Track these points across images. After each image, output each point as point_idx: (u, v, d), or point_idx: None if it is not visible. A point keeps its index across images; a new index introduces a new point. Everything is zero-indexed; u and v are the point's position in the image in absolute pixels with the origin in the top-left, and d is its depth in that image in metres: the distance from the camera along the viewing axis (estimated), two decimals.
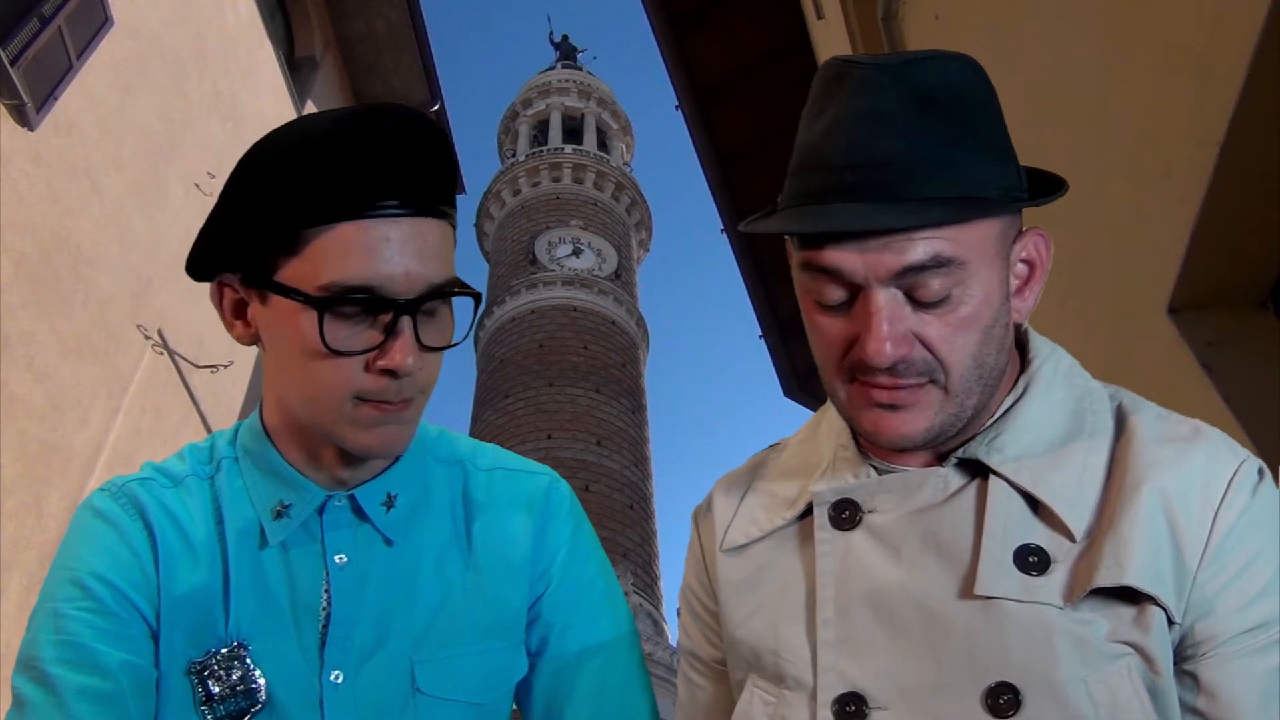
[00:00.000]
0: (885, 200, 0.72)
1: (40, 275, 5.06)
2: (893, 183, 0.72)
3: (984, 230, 0.75)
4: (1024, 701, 0.72)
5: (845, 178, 0.74)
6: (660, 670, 22.71)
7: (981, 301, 0.75)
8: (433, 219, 0.84)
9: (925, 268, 0.73)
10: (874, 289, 0.74)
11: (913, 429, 0.77)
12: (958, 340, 0.75)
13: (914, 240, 0.72)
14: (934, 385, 0.76)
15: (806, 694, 0.81)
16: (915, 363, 0.75)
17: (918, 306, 0.75)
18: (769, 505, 0.91)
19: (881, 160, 0.73)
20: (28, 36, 4.93)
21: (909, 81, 0.74)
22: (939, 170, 0.73)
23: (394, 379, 0.83)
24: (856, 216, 0.73)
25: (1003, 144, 0.77)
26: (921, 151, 0.73)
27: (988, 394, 0.80)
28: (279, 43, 8.34)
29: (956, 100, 0.75)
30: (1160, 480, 0.76)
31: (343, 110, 0.84)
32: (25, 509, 4.80)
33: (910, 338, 0.75)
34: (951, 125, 0.74)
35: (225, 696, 0.87)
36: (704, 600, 0.96)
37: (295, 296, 0.81)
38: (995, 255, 0.76)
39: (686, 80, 5.85)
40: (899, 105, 0.73)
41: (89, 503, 0.93)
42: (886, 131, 0.73)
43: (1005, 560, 0.76)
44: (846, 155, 0.74)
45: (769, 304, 6.55)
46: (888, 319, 0.74)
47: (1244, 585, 0.74)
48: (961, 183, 0.73)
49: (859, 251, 0.74)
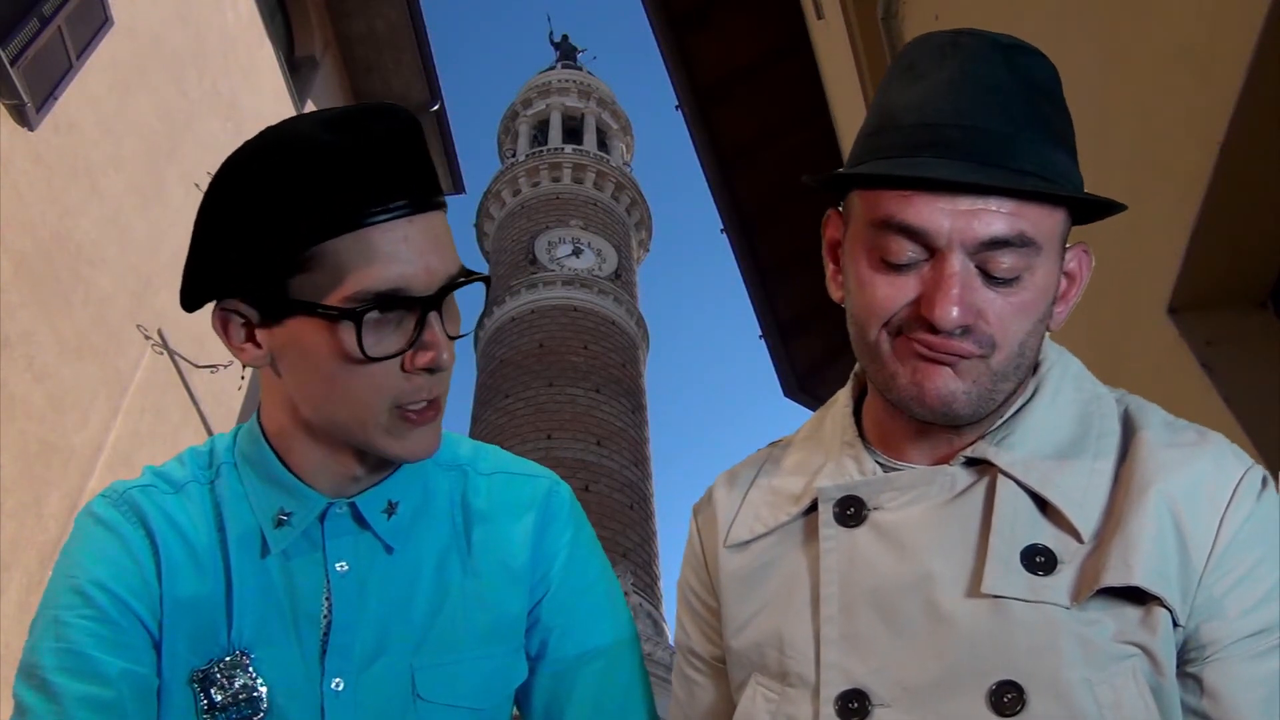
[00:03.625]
0: (984, 163, 0.73)
1: (40, 275, 5.06)
2: (994, 149, 0.73)
3: (1056, 221, 0.77)
4: (1028, 701, 0.72)
5: (948, 135, 0.74)
6: (660, 670, 22.69)
7: (1042, 291, 0.77)
8: (434, 211, 0.84)
9: (1007, 243, 0.74)
10: (954, 252, 0.74)
11: (955, 386, 0.77)
12: (1015, 323, 0.76)
13: (1002, 213, 0.73)
14: (982, 360, 0.77)
15: (809, 691, 0.81)
16: (975, 334, 0.76)
17: (987, 281, 0.75)
18: (773, 501, 0.91)
19: (987, 126, 0.74)
20: (28, 36, 4.92)
21: (1017, 63, 0.76)
22: (1035, 149, 0.74)
23: (430, 375, 0.83)
24: (958, 170, 0.73)
25: (1075, 147, 0.79)
26: (1023, 128, 0.74)
27: (1016, 385, 0.80)
28: (279, 42, 8.33)
29: (1051, 92, 0.77)
30: (1167, 483, 0.76)
31: (328, 113, 0.83)
32: (25, 509, 4.79)
33: (975, 310, 0.75)
34: (1049, 115, 0.76)
35: (227, 704, 0.87)
36: (703, 597, 0.96)
37: (321, 313, 0.80)
38: (1058, 251, 0.78)
39: (686, 80, 5.84)
40: (1008, 80, 0.75)
41: (90, 509, 0.92)
42: (994, 101, 0.74)
43: (1012, 560, 0.76)
44: (953, 115, 0.75)
45: (769, 304, 6.54)
46: (961, 284, 0.74)
47: (1249, 589, 0.74)
48: (1050, 167, 0.75)
49: (949, 210, 0.74)
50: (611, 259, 36.96)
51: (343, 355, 0.81)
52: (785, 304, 6.39)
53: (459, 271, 0.85)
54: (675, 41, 5.73)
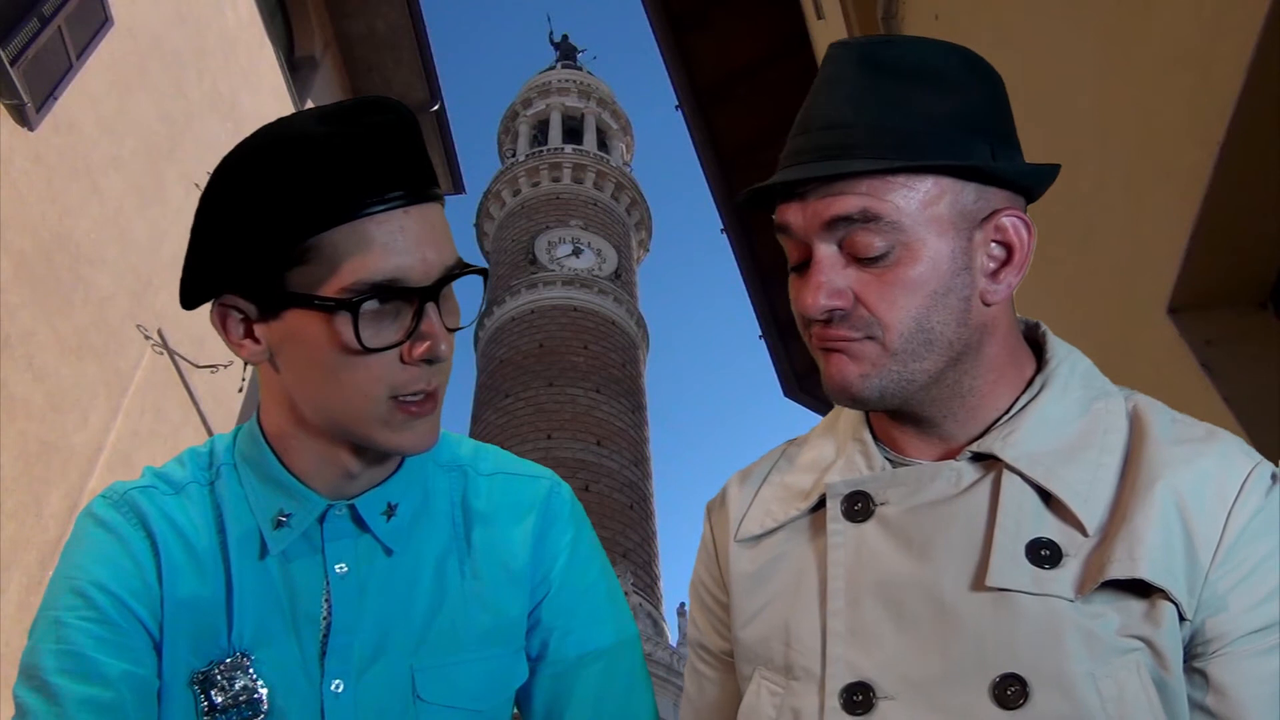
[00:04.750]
0: (826, 159, 0.78)
1: (40, 275, 5.06)
2: (833, 144, 0.78)
3: (931, 194, 0.78)
4: (1031, 693, 0.73)
5: (798, 142, 0.80)
6: (660, 670, 22.71)
7: (928, 266, 0.78)
8: (431, 202, 0.84)
9: (853, 220, 0.77)
10: (814, 243, 0.79)
11: (852, 374, 0.80)
12: (899, 300, 0.78)
13: (843, 195, 0.77)
14: (872, 341, 0.79)
15: (815, 684, 0.81)
16: (851, 317, 0.79)
17: (859, 265, 0.78)
18: (784, 497, 0.91)
19: (827, 124, 0.79)
20: (28, 36, 4.92)
21: (871, 55, 0.79)
22: (881, 131, 0.77)
23: (428, 366, 0.83)
24: (794, 172, 0.79)
25: (970, 121, 0.79)
26: (861, 113, 0.77)
27: (946, 363, 0.80)
28: (279, 42, 8.33)
29: (914, 73, 0.79)
30: (1174, 478, 0.76)
31: (325, 108, 0.83)
32: (25, 509, 4.80)
33: (846, 293, 0.79)
34: (897, 91, 0.78)
35: (228, 706, 0.87)
36: (714, 592, 0.96)
37: (318, 304, 0.80)
38: (947, 223, 0.78)
39: (686, 80, 5.84)
40: (851, 73, 0.79)
41: (90, 510, 0.92)
42: (836, 96, 0.79)
43: (1017, 553, 0.76)
44: (803, 123, 0.81)
45: (769, 304, 6.54)
46: (823, 270, 0.78)
47: (1256, 584, 0.74)
48: (893, 145, 0.77)
49: (800, 207, 0.80)
50: (611, 259, 36.97)
51: (340, 347, 0.81)
52: (785, 304, 6.34)
53: (456, 263, 0.85)
54: (675, 41, 5.73)
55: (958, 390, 0.82)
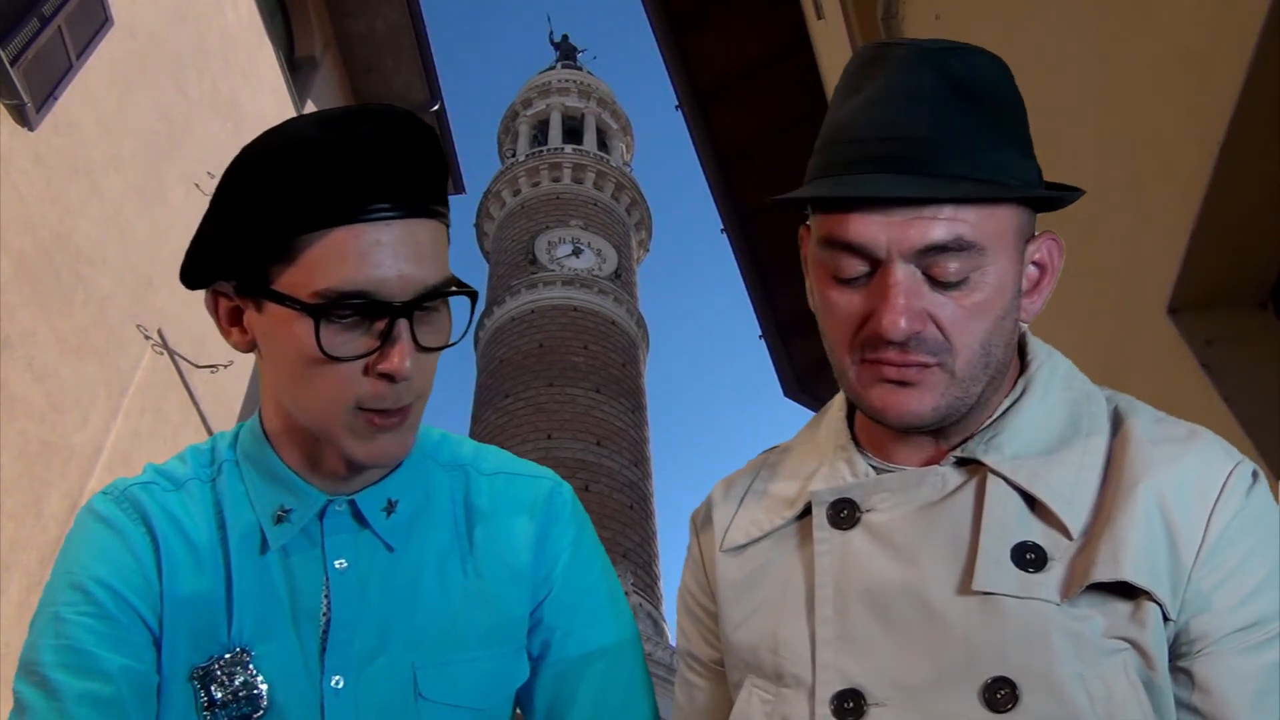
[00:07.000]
0: (913, 173, 0.74)
1: (40, 275, 5.06)
2: (922, 158, 0.74)
3: (1004, 220, 0.77)
4: (1021, 696, 0.73)
5: (875, 150, 0.76)
6: (660, 670, 22.71)
7: (996, 291, 0.77)
8: (425, 219, 0.83)
9: (947, 249, 0.75)
10: (895, 263, 0.75)
11: (920, 406, 0.78)
12: (970, 325, 0.77)
13: (938, 220, 0.74)
14: (940, 369, 0.78)
15: (805, 692, 0.81)
16: (927, 341, 0.77)
17: (935, 286, 0.76)
18: (769, 505, 0.91)
19: (912, 135, 0.75)
20: (28, 36, 4.92)
21: (945, 67, 0.76)
22: (967, 152, 0.75)
23: (392, 383, 0.83)
24: (885, 185, 0.74)
25: (1026, 141, 0.79)
26: (952, 132, 0.75)
27: (992, 387, 0.81)
28: (279, 43, 8.33)
29: (988, 92, 0.77)
30: (1156, 479, 0.77)
31: (329, 112, 0.84)
32: (25, 509, 4.80)
33: (925, 315, 0.76)
34: (981, 113, 0.76)
35: (227, 702, 0.87)
36: (702, 601, 0.96)
37: (290, 304, 0.81)
38: (1012, 248, 0.78)
39: (686, 80, 5.84)
40: (934, 86, 0.76)
41: (90, 506, 0.92)
42: (919, 109, 0.75)
43: (1003, 557, 0.76)
44: (879, 129, 0.76)
45: (769, 304, 6.54)
46: (905, 293, 0.75)
47: (1239, 583, 0.75)
48: (986, 167, 0.75)
49: (883, 223, 0.75)
50: (611, 259, 36.97)
51: (309, 349, 0.81)
52: (785, 304, 6.38)
53: (443, 282, 0.84)
54: (675, 41, 5.73)
55: (974, 402, 0.82)
